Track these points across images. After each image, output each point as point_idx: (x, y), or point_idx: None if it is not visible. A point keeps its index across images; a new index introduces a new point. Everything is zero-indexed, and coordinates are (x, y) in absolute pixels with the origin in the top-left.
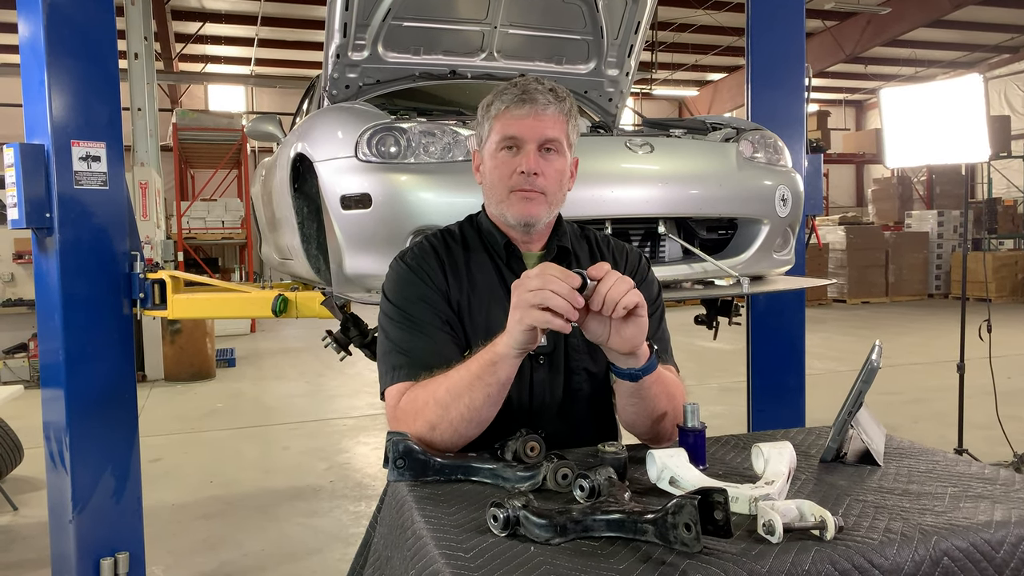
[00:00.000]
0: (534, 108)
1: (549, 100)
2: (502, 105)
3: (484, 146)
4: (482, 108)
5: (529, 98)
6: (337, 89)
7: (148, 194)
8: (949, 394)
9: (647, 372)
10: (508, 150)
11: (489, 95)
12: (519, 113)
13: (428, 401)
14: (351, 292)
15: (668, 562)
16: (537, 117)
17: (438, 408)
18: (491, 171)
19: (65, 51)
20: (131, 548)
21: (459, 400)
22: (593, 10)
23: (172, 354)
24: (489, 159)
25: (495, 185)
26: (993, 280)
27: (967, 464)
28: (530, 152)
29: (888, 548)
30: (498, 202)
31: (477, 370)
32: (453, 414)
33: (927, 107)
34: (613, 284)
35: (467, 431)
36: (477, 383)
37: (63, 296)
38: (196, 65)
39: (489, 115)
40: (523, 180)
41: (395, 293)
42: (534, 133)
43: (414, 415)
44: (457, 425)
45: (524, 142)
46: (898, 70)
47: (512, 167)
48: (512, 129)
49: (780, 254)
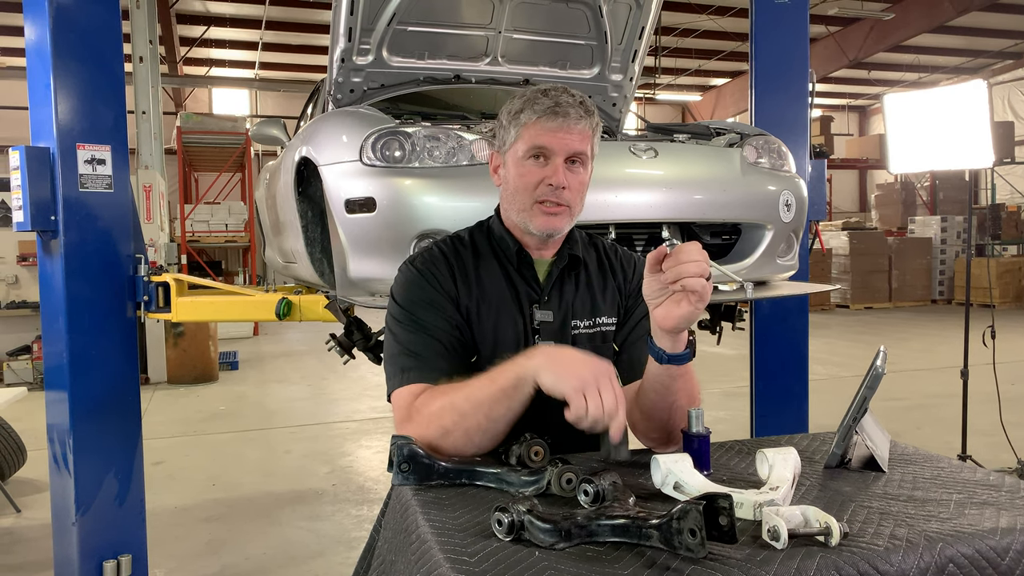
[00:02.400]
0: (566, 122)
1: (581, 115)
2: (533, 115)
3: (508, 151)
4: (509, 113)
5: (562, 111)
6: (342, 93)
7: (152, 197)
8: (952, 400)
9: (676, 361)
10: (535, 159)
11: (517, 100)
12: (551, 125)
13: (445, 406)
14: (355, 296)
15: (673, 567)
16: (568, 131)
17: (455, 415)
18: (516, 178)
19: (71, 55)
20: (134, 551)
21: (479, 410)
22: (597, 15)
23: (175, 357)
24: (514, 166)
25: (519, 192)
26: (997, 286)
27: (972, 471)
28: (559, 166)
29: (893, 555)
30: (520, 210)
31: (505, 385)
32: (471, 423)
33: (931, 113)
34: (688, 260)
35: (480, 441)
36: (501, 397)
37: (67, 298)
38: (200, 69)
39: (518, 122)
40: (550, 192)
41: (404, 296)
42: (564, 146)
43: (427, 418)
44: (472, 435)
45: (553, 154)
46: (902, 76)
47: (539, 177)
48: (543, 140)
49: (784, 259)
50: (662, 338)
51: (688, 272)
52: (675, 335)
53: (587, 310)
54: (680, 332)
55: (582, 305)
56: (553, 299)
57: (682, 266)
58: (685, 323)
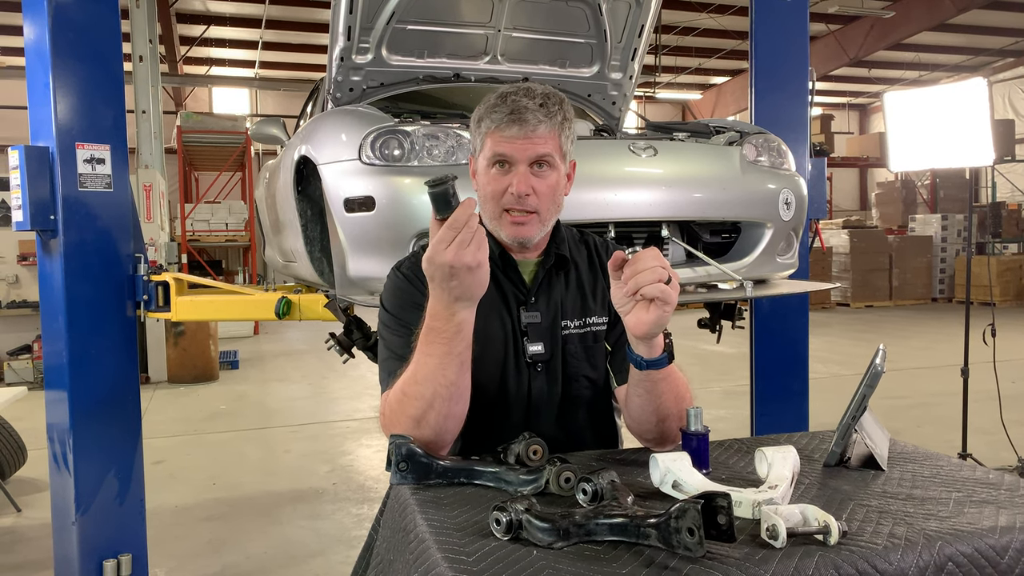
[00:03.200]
0: (524, 129)
1: (540, 119)
2: (492, 124)
3: (477, 158)
4: (474, 120)
5: (519, 118)
6: (341, 92)
7: (152, 196)
8: (953, 398)
9: (654, 366)
10: (500, 167)
11: (481, 106)
12: (509, 133)
13: (403, 399)
14: (354, 295)
15: (671, 566)
16: (527, 137)
17: (416, 400)
18: (483, 186)
19: (70, 54)
20: (134, 550)
21: (434, 382)
22: (597, 14)
23: (175, 356)
24: (482, 174)
25: (487, 201)
26: (997, 284)
27: (971, 469)
28: (521, 173)
29: (892, 553)
30: (491, 218)
31: (443, 346)
32: (433, 398)
33: (931, 111)
34: (644, 269)
35: (453, 410)
36: (447, 358)
37: (67, 298)
38: (200, 68)
39: (480, 130)
40: (515, 200)
41: (391, 302)
42: (524, 153)
43: (397, 415)
44: (440, 408)
45: (515, 162)
46: (902, 74)
47: (503, 186)
48: (502, 148)
49: (784, 258)
50: (638, 345)
51: (645, 281)
52: (650, 341)
53: (577, 310)
54: (654, 337)
55: (572, 305)
56: (541, 300)
57: (639, 276)
58: (656, 328)
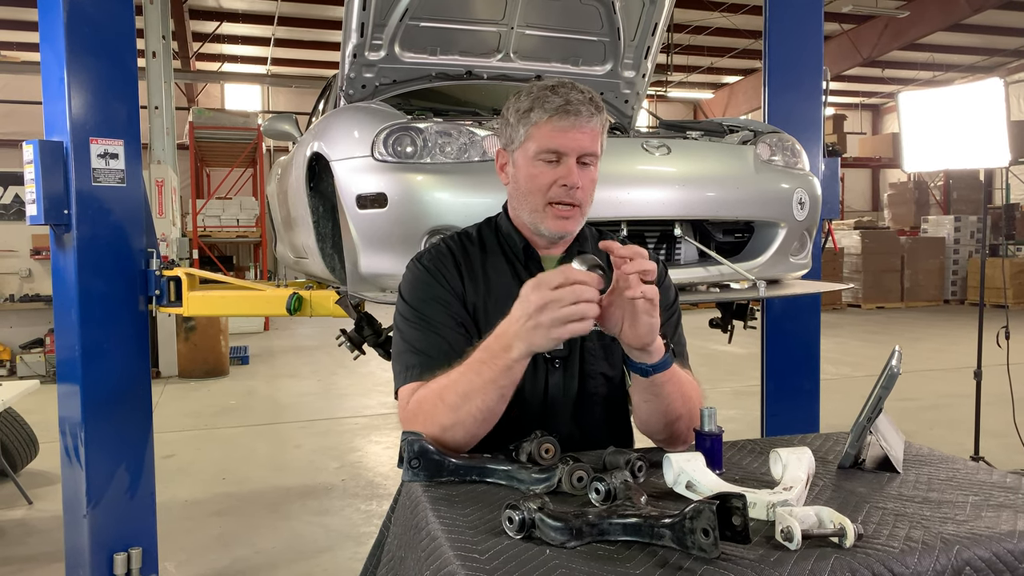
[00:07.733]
0: (578, 120)
1: (592, 112)
2: (544, 114)
3: (517, 150)
4: (516, 111)
5: (573, 110)
6: (354, 89)
7: (164, 192)
8: (966, 401)
9: (658, 369)
10: (547, 160)
11: (524, 97)
12: (562, 125)
13: (437, 404)
14: (366, 291)
15: (685, 567)
16: (580, 130)
17: (449, 411)
18: (527, 180)
19: (85, 49)
20: (144, 543)
21: (470, 402)
22: (610, 11)
23: (186, 351)
24: (525, 166)
25: (531, 194)
26: (1011, 286)
27: (988, 472)
28: (572, 166)
29: (909, 557)
30: (532, 211)
31: (491, 375)
32: (464, 416)
33: (946, 111)
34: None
35: (480, 430)
36: (491, 386)
37: (80, 292)
38: (213, 64)
39: (528, 121)
40: (564, 193)
41: (411, 293)
42: (577, 146)
43: (424, 417)
44: (470, 426)
45: (566, 155)
46: (916, 74)
47: (551, 179)
48: (556, 142)
49: (797, 258)
50: (641, 355)
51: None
52: (648, 348)
53: None
54: (652, 344)
55: None
56: None
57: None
58: (653, 334)
